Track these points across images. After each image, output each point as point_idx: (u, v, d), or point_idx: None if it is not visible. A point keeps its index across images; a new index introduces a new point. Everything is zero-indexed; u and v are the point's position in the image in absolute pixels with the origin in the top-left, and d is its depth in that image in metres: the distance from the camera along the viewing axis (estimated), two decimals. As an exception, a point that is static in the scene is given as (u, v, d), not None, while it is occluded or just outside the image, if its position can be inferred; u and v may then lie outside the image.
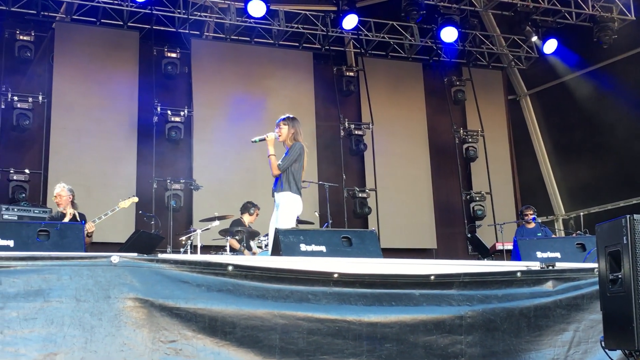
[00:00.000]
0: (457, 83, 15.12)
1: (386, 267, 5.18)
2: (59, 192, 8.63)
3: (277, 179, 7.13)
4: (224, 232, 9.75)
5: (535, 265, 5.57)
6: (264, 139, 7.15)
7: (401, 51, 14.74)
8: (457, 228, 14.77)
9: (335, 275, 4.74)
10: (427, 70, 15.21)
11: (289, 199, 7.05)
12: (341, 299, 4.70)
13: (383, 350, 4.62)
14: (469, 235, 13.87)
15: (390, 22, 14.10)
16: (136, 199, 8.77)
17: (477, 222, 14.55)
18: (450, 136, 15.15)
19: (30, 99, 12.09)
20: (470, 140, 15.02)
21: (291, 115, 7.41)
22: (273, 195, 7.16)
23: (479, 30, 14.72)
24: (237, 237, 9.78)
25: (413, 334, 4.72)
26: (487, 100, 15.50)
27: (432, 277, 4.97)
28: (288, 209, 7.01)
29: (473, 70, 15.40)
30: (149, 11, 12.75)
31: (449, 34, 13.46)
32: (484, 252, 11.68)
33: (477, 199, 14.78)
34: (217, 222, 9.70)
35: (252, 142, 7.29)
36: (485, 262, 9.47)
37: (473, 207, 14.74)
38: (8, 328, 3.88)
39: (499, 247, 11.43)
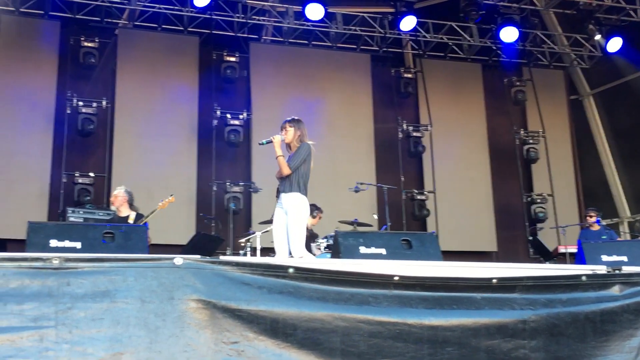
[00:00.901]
0: (518, 83, 14.88)
1: (447, 270, 5.13)
2: (116, 192, 8.84)
3: (285, 179, 7.05)
4: (283, 235, 9.77)
5: (601, 269, 5.44)
6: (271, 141, 7.10)
7: (460, 52, 14.59)
8: (518, 231, 14.54)
9: (396, 278, 4.71)
10: (487, 71, 15.02)
11: (299, 200, 6.98)
12: (402, 302, 4.67)
13: (444, 354, 4.57)
14: (530, 238, 13.64)
15: (449, 23, 13.97)
16: (173, 199, 8.81)
17: (539, 225, 14.31)
18: (510, 137, 14.92)
19: (94, 104, 12.38)
20: (531, 141, 14.77)
21: (296, 117, 7.37)
22: (277, 196, 7.10)
23: (540, 29, 14.46)
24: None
25: (475, 338, 4.66)
26: (549, 100, 15.23)
27: (494, 281, 4.90)
28: (299, 210, 6.93)
29: (534, 70, 15.15)
30: (209, 16, 12.93)
31: (509, 34, 13.25)
32: (546, 255, 11.47)
33: (539, 201, 14.52)
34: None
35: (260, 144, 7.27)
36: (548, 265, 9.30)
37: (534, 210, 14.48)
38: (76, 328, 3.97)
39: (562, 250, 11.21)
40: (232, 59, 13.34)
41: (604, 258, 6.52)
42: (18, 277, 4.00)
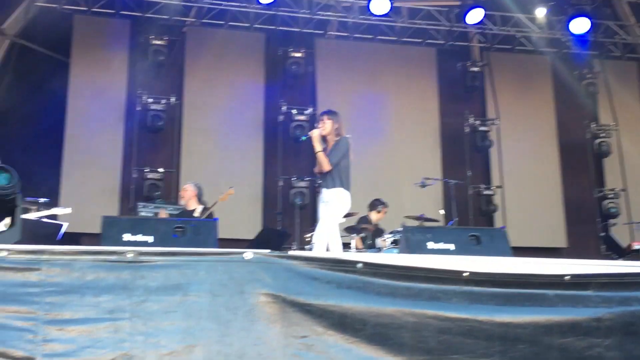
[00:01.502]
0: (589, 76, 14.47)
1: (518, 266, 5.04)
2: (186, 186, 9.02)
3: (326, 175, 6.91)
4: (350, 230, 9.80)
5: (679, 266, 5.26)
6: (309, 137, 7.01)
7: (528, 44, 14.30)
8: (589, 226, 14.17)
9: (466, 274, 4.65)
10: (556, 63, 14.68)
11: (342, 195, 6.88)
12: (472, 298, 4.61)
13: (516, 351, 4.49)
14: (602, 234, 13.29)
15: (517, 15, 13.71)
16: (232, 191, 8.89)
17: (611, 221, 13.92)
18: (581, 131, 14.54)
19: (163, 101, 12.61)
20: (602, 134, 14.35)
21: (334, 110, 7.23)
22: (319, 191, 6.93)
23: (613, 19, 14.06)
24: (362, 235, 9.81)
25: (547, 336, 4.57)
26: (621, 92, 14.78)
27: (567, 278, 4.79)
28: (340, 205, 6.86)
29: (605, 62, 14.73)
30: (274, 12, 13.02)
31: (579, 25, 12.92)
32: (619, 251, 11.18)
33: (611, 196, 14.12)
34: (342, 220, 9.74)
35: (301, 140, 7.18)
36: (623, 262, 9.04)
37: (606, 205, 14.09)
38: (150, 320, 4.06)
39: (636, 246, 10.90)
40: (298, 54, 13.39)
41: (683, 255, 6.32)
42: (94, 270, 4.11)
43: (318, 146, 6.99)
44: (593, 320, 4.72)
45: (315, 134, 7.03)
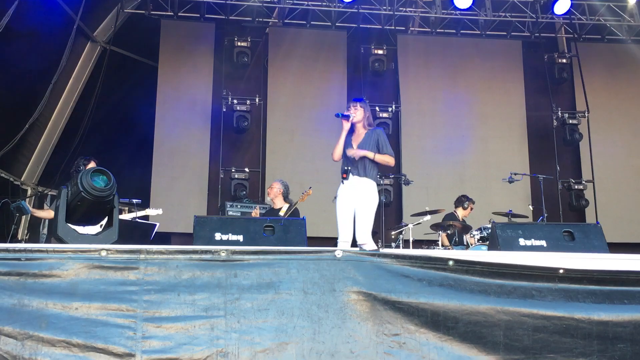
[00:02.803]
0: (684, 64, 13.89)
1: (615, 262, 4.90)
2: (273, 183, 9.11)
3: (360, 163, 6.46)
4: (436, 227, 9.71)
5: None
6: (348, 117, 6.59)
7: (619, 33, 13.81)
8: (688, 221, 13.58)
9: (561, 271, 4.55)
10: (649, 52, 14.13)
11: (374, 187, 6.50)
12: (568, 295, 4.50)
13: (616, 350, 4.36)
14: (702, 229, 12.71)
15: (607, 4, 13.26)
16: (310, 192, 8.86)
17: None
18: (678, 121, 13.96)
19: (248, 102, 12.80)
20: (700, 125, 13.74)
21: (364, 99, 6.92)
22: (346, 178, 6.45)
23: None
24: (448, 232, 9.71)
25: (649, 335, 4.42)
26: None
27: (670, 274, 4.62)
28: (373, 198, 6.42)
29: (703, 48, 14.09)
30: (356, 10, 13.01)
31: (673, 11, 12.42)
32: None
33: None
34: (428, 217, 9.69)
35: (338, 116, 6.78)
36: None
37: None
38: (244, 318, 4.13)
39: None
40: (380, 51, 13.35)
41: None
42: (189, 268, 4.21)
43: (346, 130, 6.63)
44: (698, 318, 4.53)
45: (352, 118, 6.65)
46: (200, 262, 4.24)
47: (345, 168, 6.41)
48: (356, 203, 6.29)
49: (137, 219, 8.42)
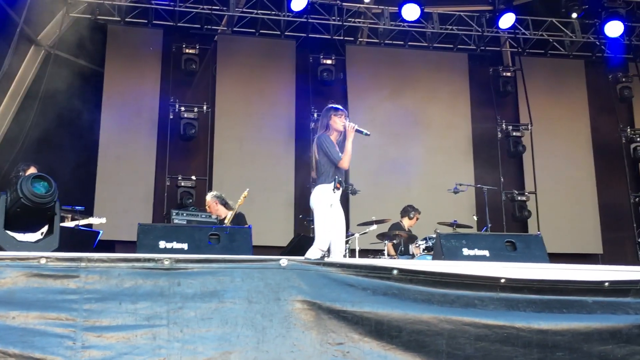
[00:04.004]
0: (623, 79, 14.28)
1: (555, 272, 5.00)
2: (207, 201, 9.10)
3: (343, 172, 6.59)
4: (382, 236, 9.78)
5: None
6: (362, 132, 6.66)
7: (561, 49, 14.16)
8: (626, 232, 13.96)
9: (502, 281, 4.61)
10: (590, 68, 14.51)
11: None
12: (509, 305, 4.57)
13: (555, 358, 4.44)
14: (639, 240, 13.09)
15: (549, 19, 13.59)
16: (247, 193, 8.81)
17: (648, 226, 13.72)
18: (616, 135, 14.35)
19: (195, 109, 12.73)
20: (638, 139, 14.16)
21: None
22: (339, 188, 6.46)
23: (647, 22, 13.88)
24: (394, 241, 9.79)
25: (587, 343, 4.51)
26: (657, 96, 14.57)
27: (606, 284, 4.73)
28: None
29: (640, 66, 14.55)
30: (305, 20, 13.05)
31: (613, 28, 12.75)
32: (657, 258, 11.00)
33: (648, 201, 13.93)
34: (374, 226, 9.75)
35: (366, 134, 6.86)
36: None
37: (643, 210, 13.90)
38: (187, 327, 4.08)
39: (674, 252, 10.71)
40: (329, 61, 13.43)
41: None
42: (132, 277, 4.15)
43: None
44: (634, 327, 4.65)
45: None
46: (142, 271, 4.17)
47: (339, 179, 6.43)
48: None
49: (80, 227, 8.26)
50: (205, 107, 12.88)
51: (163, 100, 12.74)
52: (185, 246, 5.58)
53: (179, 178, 12.46)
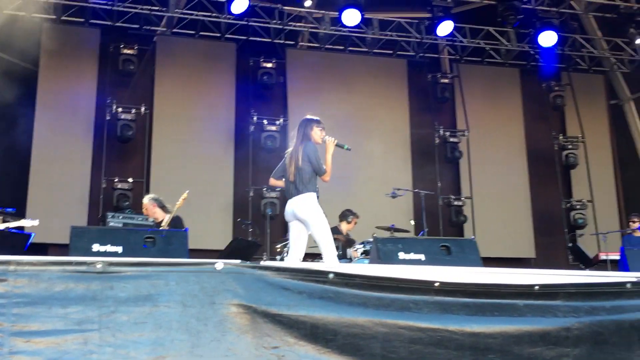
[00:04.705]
0: (556, 88, 14.72)
1: (488, 276, 5.08)
2: (143, 204, 8.95)
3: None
4: (319, 240, 9.77)
5: (646, 277, 5.33)
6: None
7: (497, 57, 14.47)
8: (557, 237, 14.35)
9: (437, 284, 4.67)
10: (525, 76, 14.88)
11: None
12: (443, 308, 4.63)
13: (487, 361, 4.52)
14: (570, 245, 13.46)
15: (486, 28, 13.88)
16: (186, 195, 8.73)
17: (578, 231, 14.12)
18: (549, 143, 14.75)
19: (133, 110, 12.55)
20: (570, 146, 14.59)
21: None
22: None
23: (579, 33, 14.30)
24: (332, 246, 9.80)
25: (517, 345, 4.60)
26: (588, 105, 15.05)
27: (537, 288, 4.83)
28: None
29: (573, 75, 14.99)
30: (246, 23, 13.02)
31: (547, 38, 13.10)
32: (586, 262, 11.30)
33: (578, 207, 14.33)
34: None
35: (347, 149, 7.03)
36: (591, 272, 9.15)
37: (574, 216, 14.29)
38: (120, 331, 4.00)
39: (603, 257, 11.03)
40: (269, 65, 13.41)
41: (648, 265, 6.41)
42: (63, 280, 4.04)
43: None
44: (562, 329, 4.76)
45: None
46: (74, 274, 4.07)
47: (318, 187, 6.60)
48: None
49: (11, 230, 8.04)
50: (143, 109, 12.70)
51: (100, 101, 12.52)
52: (119, 249, 5.47)
53: (116, 180, 12.26)
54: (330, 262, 6.14)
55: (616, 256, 10.14)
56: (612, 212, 14.66)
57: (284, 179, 6.89)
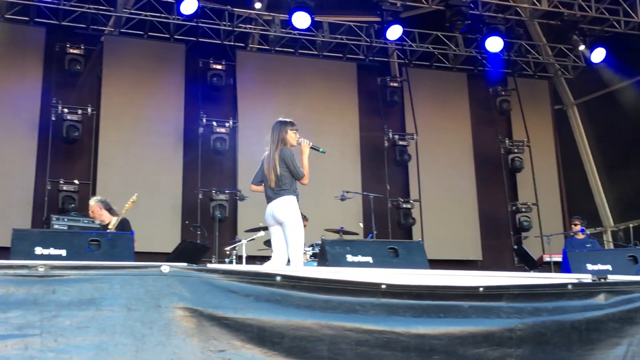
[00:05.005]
0: (503, 93, 14.98)
1: (434, 278, 5.14)
2: (90, 206, 8.81)
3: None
4: (269, 243, 9.75)
5: (586, 278, 5.46)
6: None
7: (445, 61, 14.66)
8: (503, 239, 14.60)
9: (383, 287, 4.70)
10: (472, 81, 15.10)
11: None
12: (389, 310, 4.66)
13: (432, 362, 4.57)
14: (515, 247, 13.70)
15: (435, 33, 14.04)
16: (135, 198, 8.65)
17: (524, 234, 14.38)
18: (495, 147, 15.00)
19: (79, 111, 12.33)
20: (516, 150, 14.86)
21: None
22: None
23: (525, 39, 14.58)
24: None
25: (462, 347, 4.66)
26: (533, 110, 15.33)
27: (481, 289, 4.91)
28: None
29: (519, 80, 15.26)
30: (195, 24, 12.91)
31: (494, 44, 13.31)
32: (531, 264, 11.51)
33: (523, 210, 14.60)
34: (262, 233, 9.72)
35: (322, 152, 7.01)
36: (534, 274, 9.34)
37: (519, 219, 14.57)
38: (62, 336, 3.93)
39: (547, 259, 11.27)
40: (219, 66, 13.33)
41: (589, 267, 6.56)
42: (3, 285, 3.95)
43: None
44: (506, 330, 4.84)
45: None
46: (15, 278, 3.98)
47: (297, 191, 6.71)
48: None
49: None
50: (90, 110, 12.51)
51: (45, 101, 12.27)
52: (63, 252, 5.38)
53: (61, 182, 12.02)
54: (297, 267, 6.12)
55: (559, 258, 10.34)
56: (556, 214, 14.97)
57: (263, 184, 6.90)
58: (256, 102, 13.50)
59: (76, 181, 12.12)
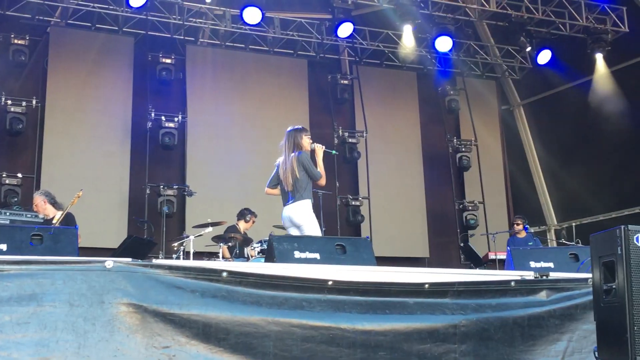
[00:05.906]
0: (451, 92, 15.15)
1: (380, 275, 5.18)
2: (34, 200, 8.65)
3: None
4: (217, 239, 9.72)
5: (529, 275, 5.58)
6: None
7: (396, 60, 14.76)
8: (450, 237, 14.79)
9: (330, 283, 4.73)
10: (422, 79, 15.23)
11: None
12: (335, 306, 4.69)
13: (377, 358, 4.61)
14: (461, 245, 13.89)
15: (385, 31, 14.12)
16: (81, 193, 8.52)
17: (470, 232, 14.58)
18: (443, 145, 15.18)
19: (23, 103, 12.06)
20: (463, 149, 15.06)
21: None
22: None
23: (474, 40, 14.76)
24: (229, 244, 9.76)
25: (407, 343, 4.72)
26: (481, 109, 15.54)
27: (427, 286, 4.98)
28: None
29: (467, 80, 15.45)
30: (144, 16, 12.72)
31: (443, 44, 13.44)
32: (476, 261, 11.68)
33: (470, 208, 14.81)
34: (210, 229, 9.68)
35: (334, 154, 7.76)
36: (479, 271, 9.48)
37: (466, 217, 14.76)
38: (1, 332, 3.86)
39: (492, 256, 11.45)
40: (168, 60, 13.17)
41: (532, 264, 6.67)
42: (-61, 280, 3.87)
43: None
44: (450, 326, 4.92)
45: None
46: (-48, 273, 3.90)
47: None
48: None
49: None
50: (34, 102, 12.24)
51: (-13, 93, 11.98)
52: (4, 247, 5.24)
53: (4, 175, 11.75)
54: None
55: (504, 255, 10.51)
56: (502, 213, 15.20)
57: (279, 187, 7.42)
58: (206, 97, 13.40)
59: (19, 174, 11.86)
